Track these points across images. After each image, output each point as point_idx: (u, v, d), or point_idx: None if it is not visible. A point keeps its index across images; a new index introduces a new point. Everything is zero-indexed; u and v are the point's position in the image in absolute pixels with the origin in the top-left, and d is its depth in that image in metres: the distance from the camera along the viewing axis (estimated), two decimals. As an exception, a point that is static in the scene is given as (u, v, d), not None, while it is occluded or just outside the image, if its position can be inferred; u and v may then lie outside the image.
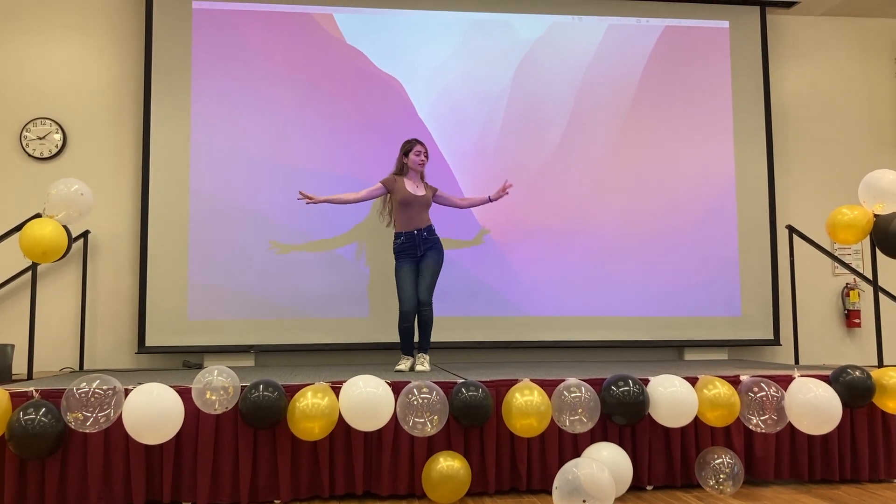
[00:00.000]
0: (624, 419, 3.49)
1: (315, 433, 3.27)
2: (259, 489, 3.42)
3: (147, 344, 5.01)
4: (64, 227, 3.88)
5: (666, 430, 3.64)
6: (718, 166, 5.64)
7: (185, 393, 3.31)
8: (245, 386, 3.37)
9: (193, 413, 3.35)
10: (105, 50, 5.33)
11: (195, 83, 5.21)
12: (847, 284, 5.80)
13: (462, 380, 3.53)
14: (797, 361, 5.30)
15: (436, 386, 3.38)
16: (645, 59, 5.65)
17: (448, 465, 3.32)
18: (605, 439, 3.57)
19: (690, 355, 5.48)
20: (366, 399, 3.27)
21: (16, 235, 4.11)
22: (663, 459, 3.65)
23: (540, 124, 5.52)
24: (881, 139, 6.01)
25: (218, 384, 3.26)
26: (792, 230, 5.37)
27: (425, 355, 4.45)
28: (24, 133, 5.18)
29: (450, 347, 5.21)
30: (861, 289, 5.75)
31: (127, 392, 3.24)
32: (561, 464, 3.33)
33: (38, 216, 3.93)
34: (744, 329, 5.52)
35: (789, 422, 3.51)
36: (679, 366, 4.66)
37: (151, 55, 5.19)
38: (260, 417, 3.29)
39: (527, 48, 5.56)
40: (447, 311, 5.21)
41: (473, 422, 3.42)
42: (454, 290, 5.27)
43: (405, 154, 4.60)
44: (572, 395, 3.38)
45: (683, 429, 3.64)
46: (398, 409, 3.34)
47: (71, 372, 4.89)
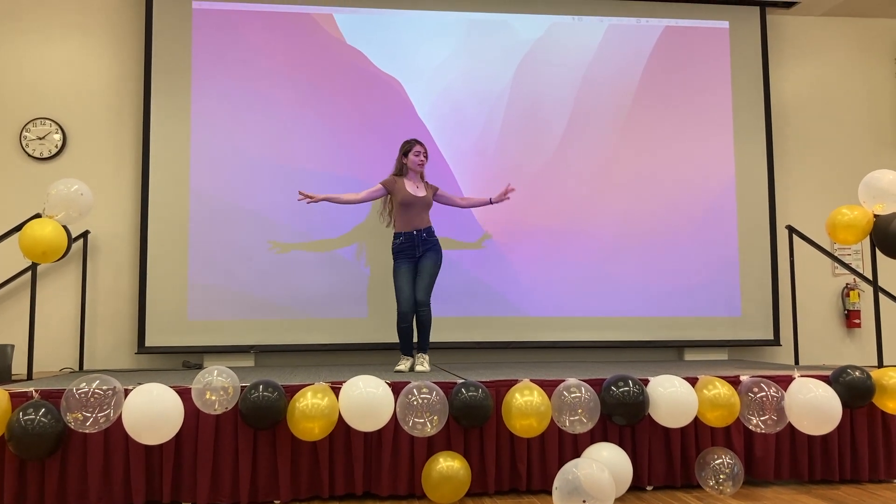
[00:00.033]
0: (624, 419, 3.49)
1: (315, 433, 3.27)
2: (259, 489, 3.42)
3: (147, 344, 5.01)
4: (64, 228, 3.88)
5: (666, 431, 3.64)
6: (718, 166, 5.63)
7: (185, 393, 3.32)
8: (245, 386, 3.37)
9: (193, 413, 3.35)
10: (105, 50, 5.33)
11: (195, 83, 5.21)
12: (847, 285, 5.80)
13: (462, 380, 3.53)
14: (797, 362, 5.30)
15: (435, 386, 3.38)
16: (645, 60, 5.65)
17: (448, 466, 3.32)
18: (605, 440, 3.57)
19: (690, 355, 5.48)
20: (365, 399, 3.27)
21: (16, 235, 4.11)
22: (663, 460, 3.66)
23: (540, 124, 5.52)
24: (881, 139, 6.01)
25: (218, 384, 3.26)
26: (792, 230, 5.37)
27: (425, 355, 4.45)
28: (24, 133, 5.18)
29: (449, 348, 5.21)
30: (861, 289, 5.75)
31: (127, 392, 3.24)
32: (561, 464, 3.33)
33: (38, 216, 3.93)
34: (744, 329, 5.52)
35: (789, 422, 3.51)
36: (679, 366, 4.66)
37: (151, 55, 5.19)
38: (260, 418, 3.29)
39: (527, 48, 5.56)
40: (447, 312, 5.21)
41: (473, 422, 3.42)
42: (454, 291, 5.27)
43: (404, 154, 4.59)
44: (572, 396, 3.39)
45: (683, 429, 3.64)
46: (398, 410, 3.34)
47: (71, 372, 4.89)
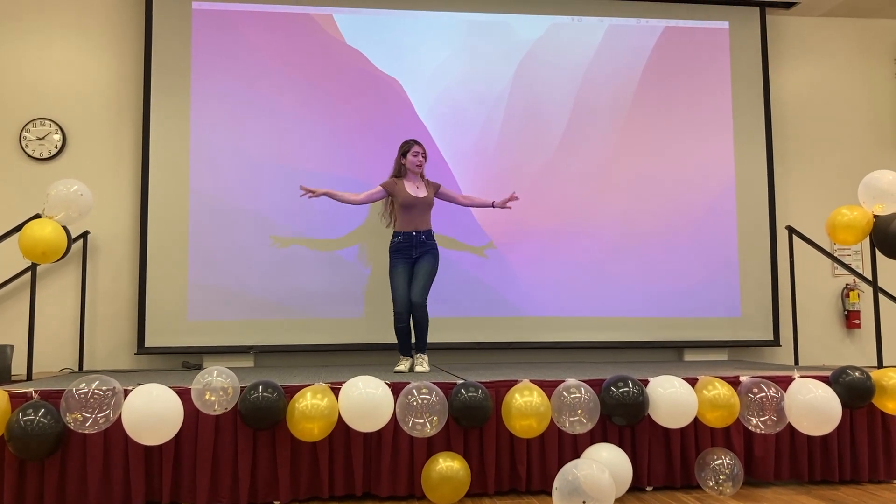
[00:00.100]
0: (623, 420, 3.49)
1: (314, 434, 3.27)
2: (258, 490, 3.42)
3: (146, 345, 5.01)
4: (63, 228, 3.88)
5: (666, 431, 3.64)
6: (718, 167, 5.63)
7: (185, 394, 3.32)
8: (244, 387, 3.37)
9: (193, 414, 3.35)
10: (105, 50, 5.33)
11: (195, 83, 5.21)
12: (847, 285, 5.79)
13: (461, 380, 3.53)
14: (797, 362, 5.30)
15: (435, 387, 3.38)
16: (645, 60, 5.65)
17: (447, 466, 3.32)
18: (605, 440, 3.57)
19: (690, 356, 5.47)
20: (365, 400, 3.27)
21: (15, 236, 4.11)
22: (663, 460, 3.65)
23: (540, 125, 5.52)
24: (881, 139, 6.01)
25: (217, 385, 3.26)
26: (792, 231, 5.37)
27: (424, 356, 4.45)
28: (24, 133, 5.17)
29: (449, 348, 5.21)
30: (861, 289, 5.75)
31: (126, 393, 3.24)
32: (560, 465, 3.33)
33: (38, 217, 3.93)
34: (743, 330, 5.52)
35: (789, 423, 3.51)
36: (679, 366, 4.66)
37: (151, 55, 5.18)
38: (259, 418, 3.28)
39: (526, 49, 5.56)
40: (446, 312, 5.21)
41: (473, 423, 3.42)
42: (454, 291, 5.27)
43: (403, 155, 4.59)
44: (572, 396, 3.38)
45: (683, 429, 3.64)
46: (397, 410, 3.34)
47: (70, 373, 4.89)
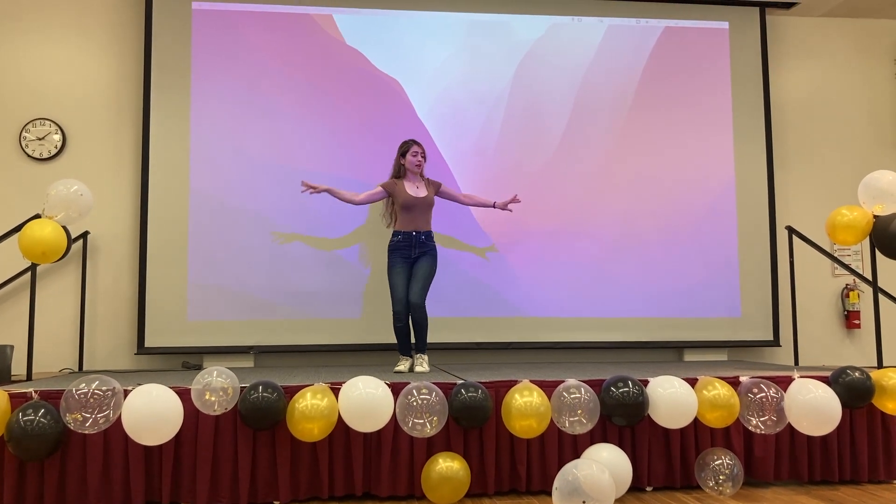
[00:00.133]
0: (623, 420, 3.49)
1: (314, 434, 3.27)
2: (258, 490, 3.42)
3: (146, 345, 5.01)
4: (63, 228, 3.88)
5: (665, 431, 3.64)
6: (718, 167, 5.63)
7: (185, 394, 3.32)
8: (244, 387, 3.37)
9: (193, 414, 3.35)
10: (105, 50, 5.33)
11: (195, 83, 5.21)
12: (847, 285, 5.79)
13: (461, 381, 3.53)
14: (797, 362, 5.29)
15: (435, 387, 3.38)
16: (644, 60, 5.65)
17: (447, 467, 3.32)
18: (605, 440, 3.57)
19: (690, 356, 5.47)
20: (365, 400, 3.27)
21: (15, 236, 4.11)
22: (663, 460, 3.65)
23: (540, 125, 5.52)
24: (881, 140, 6.01)
25: (217, 385, 3.26)
26: (791, 231, 5.37)
27: (424, 356, 4.45)
28: (24, 134, 5.17)
29: (449, 348, 5.21)
30: (861, 290, 5.75)
31: (126, 393, 3.24)
32: (560, 465, 3.33)
33: (38, 217, 3.92)
34: (743, 330, 5.52)
35: (789, 423, 3.51)
36: (679, 367, 4.66)
37: (151, 55, 5.18)
38: (259, 418, 3.28)
39: (526, 49, 5.56)
40: (446, 312, 5.21)
41: (473, 423, 3.42)
42: (454, 291, 5.27)
43: (402, 155, 4.58)
44: (572, 396, 3.38)
45: (683, 430, 3.64)
46: (397, 410, 3.34)
47: (70, 373, 4.89)
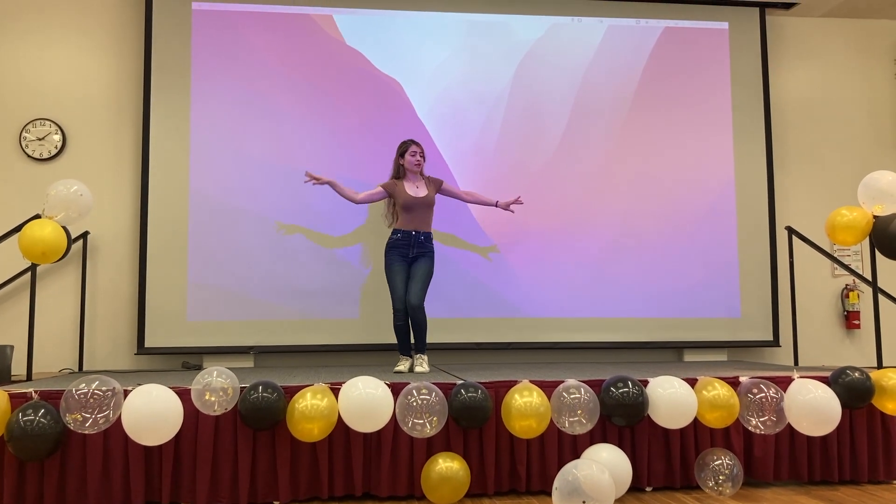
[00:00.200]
0: (623, 420, 3.49)
1: (314, 434, 3.27)
2: (258, 490, 3.42)
3: (146, 345, 5.01)
4: (63, 228, 3.88)
5: (665, 432, 3.64)
6: (718, 167, 5.63)
7: (185, 394, 3.32)
8: (244, 387, 3.37)
9: (192, 414, 3.35)
10: (105, 51, 5.33)
11: (195, 84, 5.21)
12: (846, 286, 5.80)
13: (461, 381, 3.53)
14: (796, 363, 5.30)
15: (435, 387, 3.38)
16: (644, 61, 5.65)
17: (447, 467, 3.32)
18: (605, 440, 3.57)
19: (690, 356, 5.47)
20: (365, 400, 3.27)
21: (15, 236, 4.11)
22: (662, 461, 3.65)
23: (539, 125, 5.52)
24: (881, 140, 6.01)
25: (217, 385, 3.26)
26: (791, 231, 5.37)
27: (424, 356, 4.45)
28: (24, 134, 5.17)
29: (449, 349, 5.21)
30: (860, 290, 5.75)
31: (126, 393, 3.24)
32: (560, 465, 3.33)
33: (38, 217, 3.93)
34: (743, 330, 5.52)
35: (788, 423, 3.51)
36: (678, 367, 4.66)
37: (151, 56, 5.18)
38: (259, 419, 3.28)
39: (526, 49, 5.56)
40: (446, 313, 5.21)
41: (473, 423, 3.42)
42: (454, 291, 5.27)
43: (401, 155, 4.59)
44: (571, 397, 3.38)
45: (683, 430, 3.64)
46: (397, 411, 3.34)
47: (70, 373, 4.89)
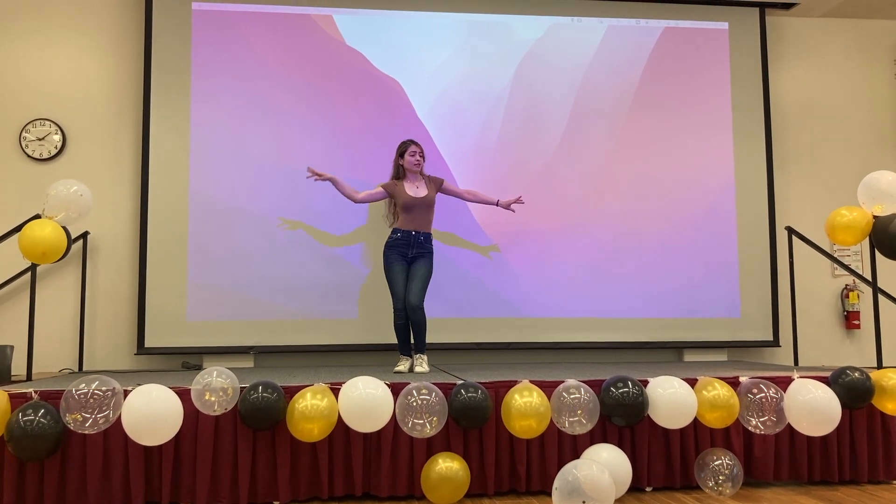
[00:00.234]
0: (623, 420, 3.49)
1: (314, 434, 3.27)
2: (258, 490, 3.42)
3: (146, 345, 5.01)
4: (63, 228, 3.88)
5: (665, 432, 3.64)
6: (718, 167, 5.63)
7: (185, 394, 3.32)
8: (244, 387, 3.37)
9: (192, 414, 3.35)
10: (105, 51, 5.33)
11: (195, 84, 5.21)
12: (846, 286, 5.80)
13: (461, 381, 3.53)
14: (796, 363, 5.30)
15: (435, 387, 3.38)
16: (644, 61, 5.65)
17: (447, 467, 3.32)
18: (605, 440, 3.57)
19: (690, 356, 5.47)
20: (365, 400, 3.27)
21: (15, 236, 4.11)
22: (662, 461, 3.65)
23: (539, 125, 5.52)
24: (881, 140, 6.01)
25: (217, 385, 3.26)
26: (791, 231, 5.37)
27: (423, 356, 4.45)
28: (24, 134, 5.17)
29: (449, 349, 5.21)
30: (860, 290, 5.75)
31: (126, 393, 3.24)
32: (560, 465, 3.33)
33: (38, 217, 3.93)
34: (743, 330, 5.52)
35: (788, 423, 3.51)
36: (678, 367, 4.66)
37: (151, 56, 5.19)
38: (259, 419, 3.28)
39: (526, 49, 5.56)
40: (446, 313, 5.21)
41: (472, 423, 3.41)
42: (454, 291, 5.27)
43: (400, 156, 4.59)
44: (571, 397, 3.38)
45: (683, 430, 3.64)
46: (397, 411, 3.34)
47: (70, 373, 4.89)
